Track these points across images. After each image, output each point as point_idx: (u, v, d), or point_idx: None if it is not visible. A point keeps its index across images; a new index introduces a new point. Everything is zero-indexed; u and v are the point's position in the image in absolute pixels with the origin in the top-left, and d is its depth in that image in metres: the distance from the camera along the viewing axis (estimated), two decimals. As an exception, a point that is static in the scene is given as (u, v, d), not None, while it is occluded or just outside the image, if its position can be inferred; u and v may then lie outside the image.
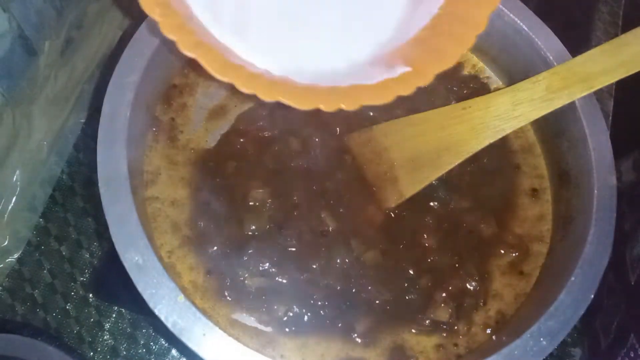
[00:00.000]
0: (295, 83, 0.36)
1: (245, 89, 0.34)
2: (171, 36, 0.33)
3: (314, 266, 0.44)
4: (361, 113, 0.45)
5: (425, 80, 0.37)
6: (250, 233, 0.44)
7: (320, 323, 0.43)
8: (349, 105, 0.36)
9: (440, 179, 0.46)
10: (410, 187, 0.46)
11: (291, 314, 0.43)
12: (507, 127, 0.43)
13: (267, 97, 0.34)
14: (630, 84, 0.43)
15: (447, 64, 0.38)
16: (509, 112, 0.43)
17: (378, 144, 0.47)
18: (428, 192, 0.47)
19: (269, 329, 0.42)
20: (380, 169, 0.47)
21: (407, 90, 0.37)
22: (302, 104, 0.35)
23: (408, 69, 0.37)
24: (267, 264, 0.43)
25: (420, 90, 0.50)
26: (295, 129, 0.48)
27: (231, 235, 0.44)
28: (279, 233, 0.44)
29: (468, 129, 0.44)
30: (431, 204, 0.47)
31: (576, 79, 0.42)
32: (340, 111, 0.35)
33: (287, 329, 0.42)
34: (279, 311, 0.42)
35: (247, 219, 0.44)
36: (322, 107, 0.35)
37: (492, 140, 0.44)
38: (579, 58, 0.43)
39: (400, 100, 0.49)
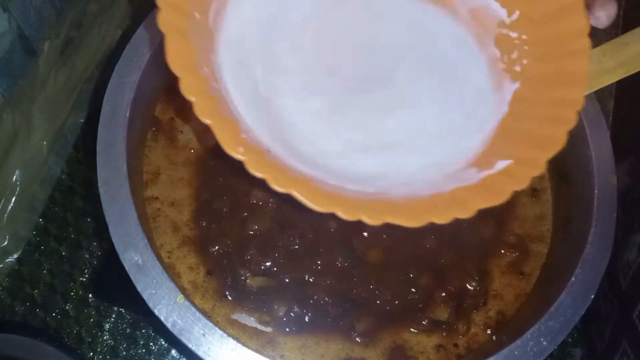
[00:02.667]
0: (393, 199, 0.33)
1: (349, 217, 0.31)
2: (260, 175, 0.30)
3: (316, 266, 0.44)
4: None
5: (539, 168, 0.34)
6: (252, 232, 0.44)
7: (320, 323, 0.43)
8: (464, 214, 0.33)
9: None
10: None
11: (292, 314, 0.42)
12: None
13: (375, 221, 0.32)
14: (631, 84, 0.43)
15: (555, 148, 0.34)
16: None
17: None
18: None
19: (269, 329, 0.42)
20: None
21: (522, 184, 0.34)
22: (413, 222, 0.33)
23: (508, 162, 0.35)
24: (269, 264, 0.43)
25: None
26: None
27: (233, 234, 0.44)
28: (281, 232, 0.44)
29: None
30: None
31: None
32: None
33: (287, 329, 0.42)
34: (279, 311, 0.42)
35: (250, 218, 0.44)
36: (436, 220, 0.33)
37: None
38: None
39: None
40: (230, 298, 0.43)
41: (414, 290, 0.44)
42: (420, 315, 0.43)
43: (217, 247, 0.44)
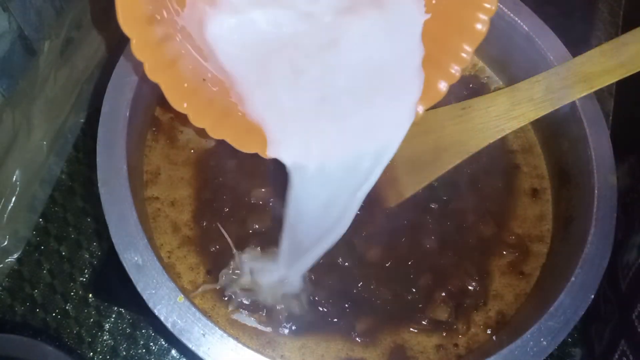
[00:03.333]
0: None
1: (266, 156, 0.37)
2: (200, 126, 0.35)
3: (316, 265, 0.44)
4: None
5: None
6: (252, 232, 0.44)
7: (320, 323, 0.43)
8: None
9: (440, 180, 0.46)
10: (409, 187, 0.46)
11: (292, 314, 0.42)
12: (506, 128, 0.43)
13: None
14: (631, 84, 0.43)
15: (433, 99, 0.40)
16: (508, 112, 0.43)
17: None
18: (428, 193, 0.47)
19: (268, 329, 0.42)
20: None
21: None
22: None
23: None
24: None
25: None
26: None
27: (233, 234, 0.44)
28: (281, 232, 0.44)
29: (467, 129, 0.44)
30: (431, 205, 0.47)
31: (576, 79, 0.42)
32: None
33: (287, 329, 0.42)
34: (279, 311, 0.42)
35: (250, 218, 0.44)
36: None
37: (491, 141, 0.44)
38: (579, 58, 0.43)
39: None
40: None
41: (414, 290, 0.44)
42: (420, 315, 0.43)
43: (217, 247, 0.44)
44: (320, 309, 0.43)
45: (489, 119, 0.44)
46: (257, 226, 0.44)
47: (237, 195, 0.45)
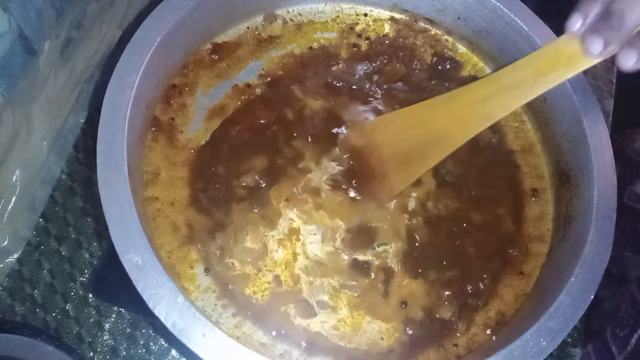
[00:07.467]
0: None
1: None
2: None
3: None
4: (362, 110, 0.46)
5: None
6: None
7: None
8: None
9: (440, 180, 0.46)
10: (399, 182, 0.46)
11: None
12: (492, 115, 0.42)
13: None
14: (631, 84, 0.43)
15: None
16: (493, 99, 0.42)
17: (368, 141, 0.47)
18: (429, 193, 0.47)
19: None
20: (371, 166, 0.47)
21: None
22: None
23: None
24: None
25: (420, 91, 0.50)
26: (292, 131, 0.48)
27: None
28: None
29: (455, 121, 0.44)
30: (431, 205, 0.47)
31: (563, 62, 0.40)
32: None
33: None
34: (278, 311, 0.42)
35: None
36: None
37: (479, 130, 0.43)
38: (561, 39, 0.41)
39: (399, 98, 0.49)
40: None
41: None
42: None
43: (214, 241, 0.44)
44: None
45: (475, 108, 0.43)
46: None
47: (229, 182, 0.45)
